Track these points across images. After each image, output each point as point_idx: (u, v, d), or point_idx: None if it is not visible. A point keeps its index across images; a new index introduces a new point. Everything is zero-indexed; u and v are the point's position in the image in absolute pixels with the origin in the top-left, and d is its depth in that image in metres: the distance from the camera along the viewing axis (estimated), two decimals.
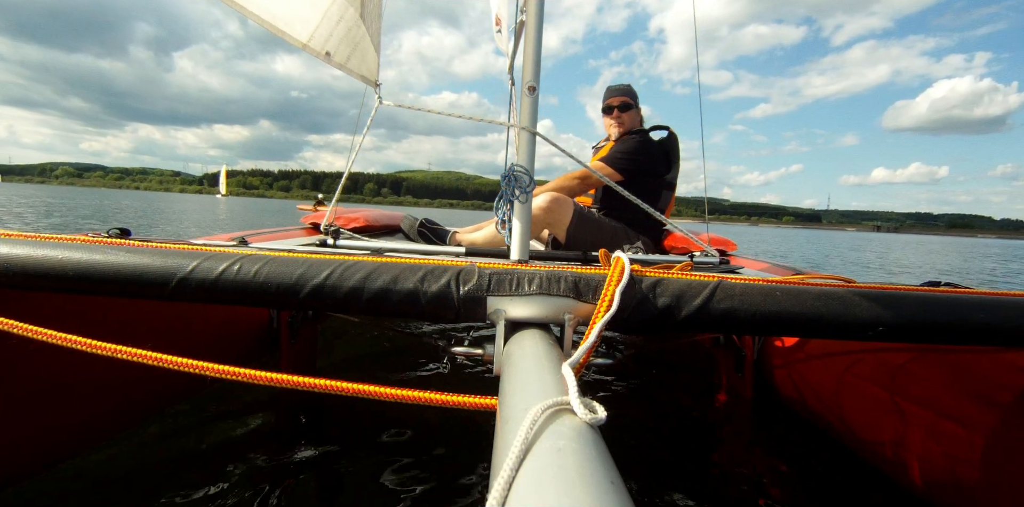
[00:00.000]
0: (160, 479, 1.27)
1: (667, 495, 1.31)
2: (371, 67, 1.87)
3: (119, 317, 1.37)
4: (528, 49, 1.52)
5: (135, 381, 1.41)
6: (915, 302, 0.90)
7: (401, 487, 1.28)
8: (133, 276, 0.92)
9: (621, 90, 2.89)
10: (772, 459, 1.59)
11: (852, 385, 1.57)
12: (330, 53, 1.71)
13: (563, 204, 2.44)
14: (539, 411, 0.51)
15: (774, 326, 0.90)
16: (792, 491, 1.39)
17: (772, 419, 1.84)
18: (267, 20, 1.54)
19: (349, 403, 0.73)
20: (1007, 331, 0.88)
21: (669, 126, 2.86)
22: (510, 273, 0.95)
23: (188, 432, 1.51)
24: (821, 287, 0.95)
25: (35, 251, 0.94)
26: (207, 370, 0.77)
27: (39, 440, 1.22)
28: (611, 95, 2.90)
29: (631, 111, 2.84)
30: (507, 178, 1.48)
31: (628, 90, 2.88)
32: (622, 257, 0.96)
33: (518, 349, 0.83)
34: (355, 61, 1.80)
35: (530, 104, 1.51)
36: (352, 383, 0.74)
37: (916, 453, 1.33)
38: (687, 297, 0.91)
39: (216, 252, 0.96)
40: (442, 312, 0.93)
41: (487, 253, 1.98)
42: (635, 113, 2.85)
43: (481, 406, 0.67)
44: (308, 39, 1.64)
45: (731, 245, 2.72)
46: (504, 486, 0.43)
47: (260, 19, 1.53)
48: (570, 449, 0.45)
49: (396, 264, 0.96)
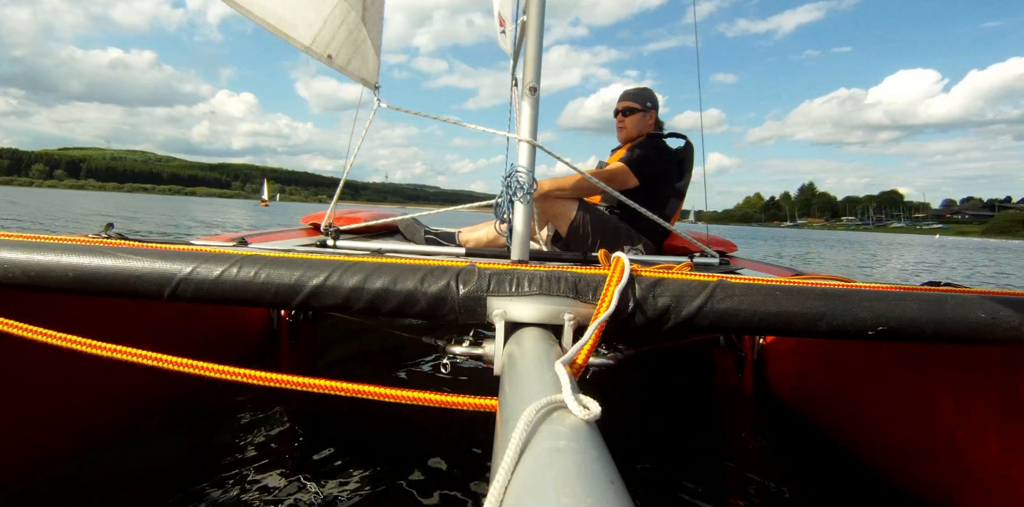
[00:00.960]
0: (160, 480, 1.27)
1: (667, 495, 1.31)
2: (371, 70, 1.88)
3: (119, 318, 1.37)
4: (530, 50, 1.52)
5: (135, 382, 1.41)
6: (915, 302, 0.90)
7: (401, 487, 1.28)
8: (133, 277, 0.92)
9: (630, 94, 2.85)
10: (771, 459, 1.59)
11: (852, 385, 1.57)
12: (332, 56, 1.71)
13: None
14: (534, 410, 0.51)
15: (774, 326, 0.90)
16: (792, 491, 1.39)
17: (772, 419, 1.84)
18: (272, 23, 1.54)
19: (349, 403, 0.73)
20: (1008, 330, 0.88)
21: (687, 136, 2.83)
22: (510, 273, 0.95)
23: (188, 433, 1.51)
24: (821, 287, 0.95)
25: (35, 252, 0.94)
26: (207, 370, 0.77)
27: (39, 441, 1.22)
28: (620, 99, 2.88)
29: (635, 115, 2.81)
30: (508, 178, 1.48)
31: (637, 94, 2.84)
32: (622, 257, 0.96)
33: (518, 349, 0.83)
34: (356, 64, 1.81)
35: (531, 104, 1.52)
36: (352, 383, 0.74)
37: (915, 454, 1.33)
38: (687, 297, 0.91)
39: (216, 253, 0.97)
40: (442, 312, 0.93)
41: (487, 253, 1.98)
42: (641, 118, 2.81)
43: (481, 407, 0.67)
44: (311, 42, 1.64)
45: (731, 246, 2.72)
46: (503, 486, 0.43)
47: (265, 22, 1.53)
48: (570, 448, 0.45)
49: (396, 264, 0.96)
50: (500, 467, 0.44)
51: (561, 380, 0.59)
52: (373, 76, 1.90)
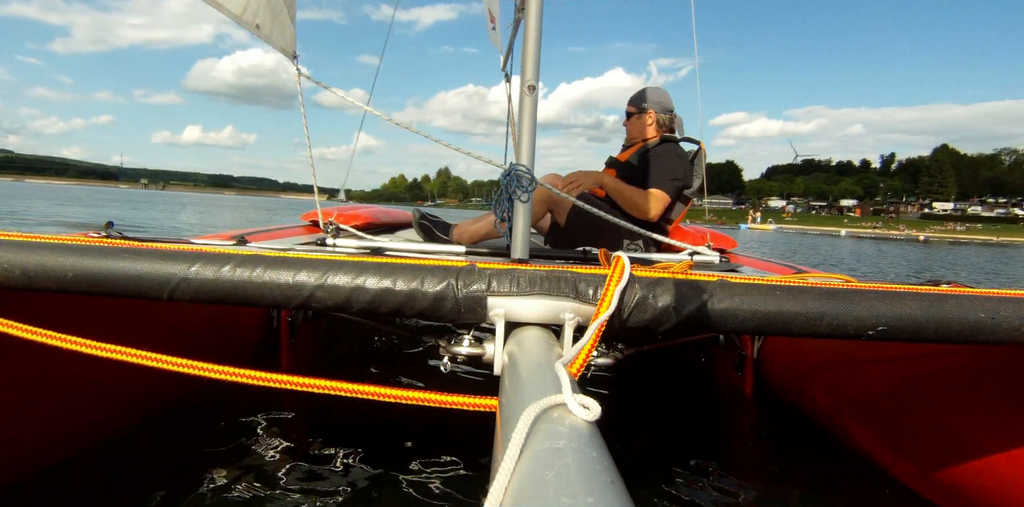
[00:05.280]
0: (159, 480, 1.27)
1: (667, 494, 1.31)
2: (289, 39, 1.90)
3: (118, 318, 1.37)
4: (528, 47, 1.51)
5: (134, 382, 1.41)
6: (915, 301, 0.90)
7: (401, 487, 1.28)
8: (133, 277, 0.92)
9: (631, 97, 2.80)
10: (772, 458, 1.59)
11: (853, 385, 1.57)
12: (260, 26, 1.73)
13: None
14: (534, 410, 0.51)
15: (774, 326, 0.90)
16: (792, 490, 1.39)
17: (772, 418, 1.84)
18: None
19: (349, 403, 0.73)
20: (1008, 330, 0.88)
21: (700, 141, 2.79)
22: (510, 273, 0.95)
23: (187, 433, 1.51)
24: (821, 286, 0.95)
25: (34, 252, 0.94)
26: (207, 370, 0.77)
27: (38, 441, 1.22)
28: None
29: (633, 118, 2.78)
30: (508, 177, 1.47)
31: (634, 97, 2.78)
32: (622, 257, 0.96)
33: (518, 349, 0.83)
34: (276, 33, 1.83)
35: (530, 103, 1.51)
36: (352, 383, 0.74)
37: (918, 452, 1.33)
38: (687, 297, 0.91)
39: (216, 253, 0.96)
40: (442, 312, 0.93)
41: (487, 252, 1.98)
42: (638, 120, 2.76)
43: (481, 407, 0.67)
44: (242, 12, 1.65)
45: (730, 243, 2.71)
46: (503, 486, 0.43)
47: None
48: (570, 448, 0.45)
49: (396, 264, 0.96)
50: (500, 467, 0.44)
51: (561, 380, 0.59)
52: (291, 45, 1.92)
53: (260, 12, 1.72)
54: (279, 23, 1.83)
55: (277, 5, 1.81)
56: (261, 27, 1.73)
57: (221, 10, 1.59)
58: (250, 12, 1.67)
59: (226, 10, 1.60)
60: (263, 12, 1.73)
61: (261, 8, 1.72)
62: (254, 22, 1.69)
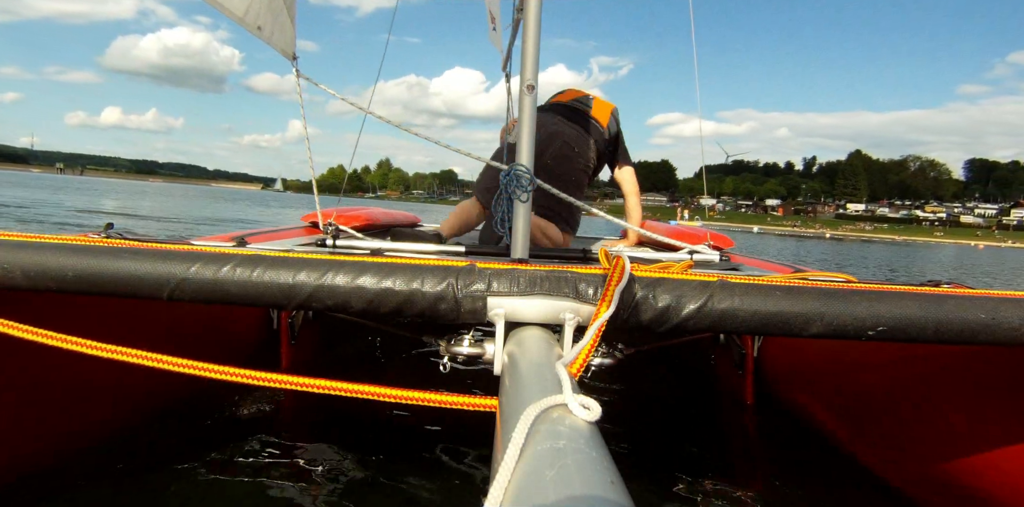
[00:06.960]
0: (160, 480, 1.26)
1: (667, 494, 1.31)
2: (288, 40, 1.91)
3: (118, 318, 1.37)
4: (527, 47, 1.51)
5: (134, 382, 1.40)
6: (915, 302, 0.89)
7: (401, 487, 1.27)
8: (133, 277, 0.92)
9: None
10: (771, 458, 1.59)
11: (853, 384, 1.57)
12: (261, 28, 1.74)
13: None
14: (534, 410, 0.51)
15: (774, 326, 0.90)
16: (791, 490, 1.39)
17: (772, 418, 1.84)
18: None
19: (349, 403, 0.73)
20: (1008, 331, 0.88)
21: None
22: (510, 273, 0.95)
23: (187, 433, 1.51)
24: (821, 287, 0.95)
25: (34, 252, 0.94)
26: (207, 370, 0.77)
27: (37, 441, 1.22)
28: None
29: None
30: (507, 176, 1.47)
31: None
32: (622, 256, 0.96)
33: (518, 349, 0.83)
34: (277, 35, 1.84)
35: (530, 103, 1.51)
36: (352, 383, 0.73)
37: (917, 454, 1.33)
38: (687, 297, 0.91)
39: (216, 253, 0.96)
40: (442, 312, 0.93)
41: (487, 252, 1.98)
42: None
43: (481, 407, 0.67)
44: (244, 14, 1.66)
45: (727, 242, 2.71)
46: (503, 486, 0.43)
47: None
48: (570, 449, 0.45)
49: (396, 264, 0.96)
50: (500, 467, 0.44)
51: (561, 380, 0.59)
52: (290, 46, 1.92)
53: (262, 13, 1.72)
54: (280, 24, 1.83)
55: (278, 6, 1.81)
56: (263, 28, 1.73)
57: (224, 11, 1.60)
58: (252, 13, 1.68)
59: (229, 11, 1.61)
60: (264, 13, 1.74)
61: (263, 10, 1.73)
62: (256, 24, 1.70)
